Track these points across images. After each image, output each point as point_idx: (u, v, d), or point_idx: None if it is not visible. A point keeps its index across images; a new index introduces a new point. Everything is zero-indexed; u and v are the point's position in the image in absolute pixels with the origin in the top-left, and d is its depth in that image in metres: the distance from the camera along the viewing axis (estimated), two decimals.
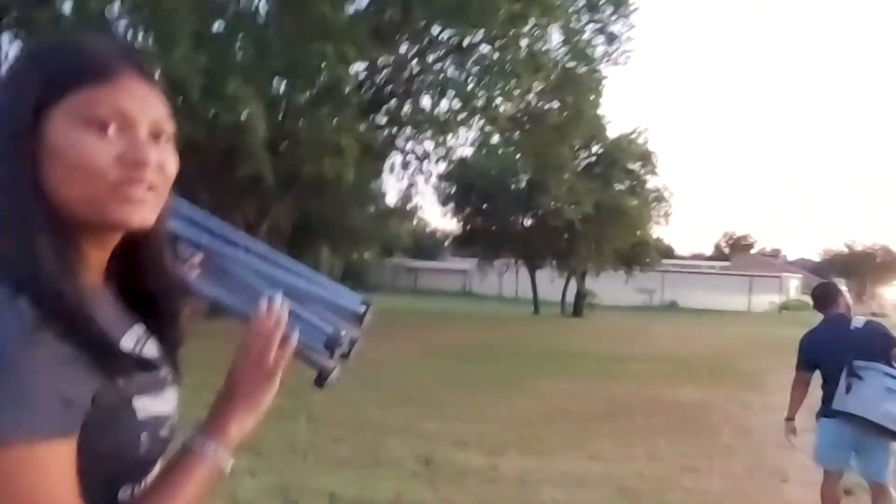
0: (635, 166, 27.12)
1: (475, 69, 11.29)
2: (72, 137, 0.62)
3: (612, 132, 26.54)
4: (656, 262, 31.45)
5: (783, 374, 5.54)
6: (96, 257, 0.68)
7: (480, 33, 11.31)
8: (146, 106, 0.65)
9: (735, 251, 66.38)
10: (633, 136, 26.68)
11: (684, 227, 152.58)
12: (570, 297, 28.66)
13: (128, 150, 0.63)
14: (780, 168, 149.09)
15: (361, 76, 12.70)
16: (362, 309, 0.84)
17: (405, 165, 21.91)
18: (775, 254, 68.41)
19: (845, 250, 59.66)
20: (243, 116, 8.87)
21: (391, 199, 34.85)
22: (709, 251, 76.02)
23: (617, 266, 29.33)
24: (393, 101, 13.29)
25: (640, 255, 29.21)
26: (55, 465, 0.57)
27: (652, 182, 27.87)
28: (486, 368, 9.91)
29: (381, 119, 14.68)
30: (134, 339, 0.69)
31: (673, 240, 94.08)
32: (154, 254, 0.73)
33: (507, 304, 33.60)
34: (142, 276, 0.73)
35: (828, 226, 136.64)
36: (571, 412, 6.84)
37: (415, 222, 47.10)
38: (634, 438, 5.89)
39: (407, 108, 14.77)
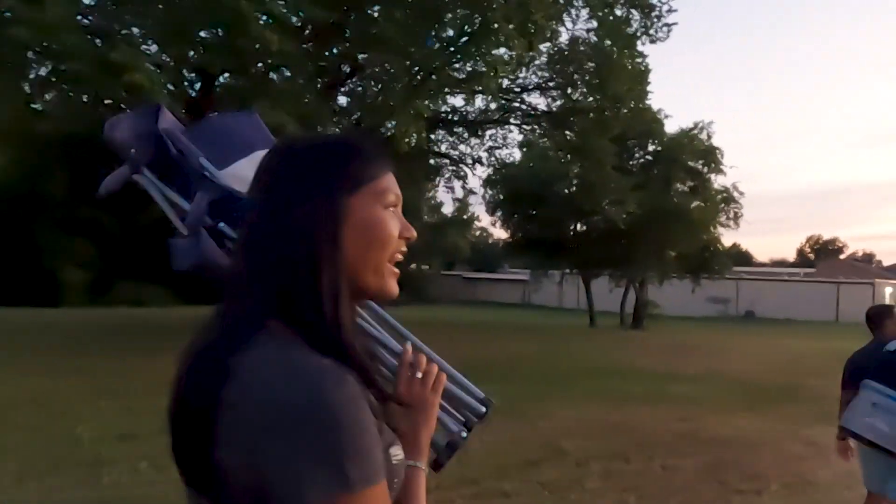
0: (697, 165, 24.91)
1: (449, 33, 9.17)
2: (378, 215, 0.76)
3: (672, 128, 24.68)
4: (727, 268, 28.73)
5: None
6: None
7: None
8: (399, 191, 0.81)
9: (821, 257, 61.34)
10: (695, 131, 24.56)
11: (766, 232, 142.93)
12: (631, 308, 26.64)
13: (405, 228, 0.80)
14: (874, 163, 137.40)
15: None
16: (483, 410, 1.00)
17: (439, 170, 20.95)
18: (868, 259, 62.65)
19: None
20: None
21: (448, 209, 34.08)
22: (792, 257, 70.93)
23: (682, 274, 27.09)
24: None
25: (707, 261, 26.79)
26: (385, 499, 0.65)
27: (718, 181, 25.49)
28: (496, 389, 8.52)
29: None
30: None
31: (752, 246, 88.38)
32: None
33: (565, 315, 31.76)
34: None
35: None
36: (568, 453, 5.42)
37: (475, 232, 46.20)
38: (638, 496, 4.43)
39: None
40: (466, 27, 8.49)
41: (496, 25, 7.66)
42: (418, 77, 8.57)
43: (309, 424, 0.60)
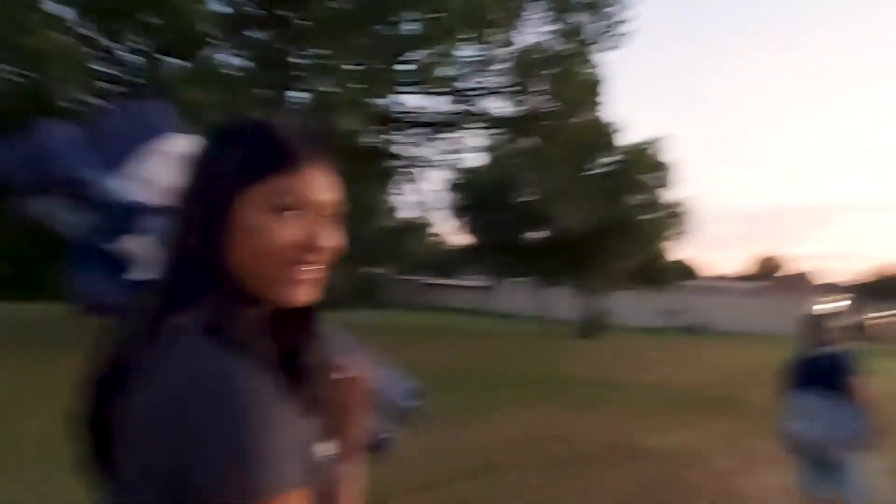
0: (649, 179, 25.38)
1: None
2: (259, 221, 0.68)
3: (625, 141, 25.03)
4: (676, 280, 29.41)
5: None
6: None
7: None
8: (325, 192, 0.71)
9: (765, 272, 63.52)
10: (646, 146, 25.03)
11: (715, 247, 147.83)
12: (585, 317, 26.87)
13: (306, 237, 0.70)
14: (817, 181, 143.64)
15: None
16: (410, 405, 1.01)
17: (400, 172, 20.67)
18: (806, 275, 65.20)
19: (879, 272, 56.26)
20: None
21: (406, 213, 33.87)
22: (739, 272, 73.25)
23: (633, 285, 27.54)
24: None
25: (658, 273, 27.36)
26: None
27: (669, 197, 26.02)
28: (438, 397, 8.30)
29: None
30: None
31: (702, 260, 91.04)
32: (307, 327, 0.77)
33: (521, 323, 31.79)
34: (291, 348, 0.75)
35: (863, 245, 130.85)
36: (500, 465, 5.22)
37: (433, 237, 45.96)
38: None
39: None
40: (417, 18, 8.22)
41: (446, 16, 7.42)
42: (366, 71, 8.28)
43: (216, 428, 0.57)
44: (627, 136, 41.98)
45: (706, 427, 7.51)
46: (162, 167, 1.10)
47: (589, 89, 13.81)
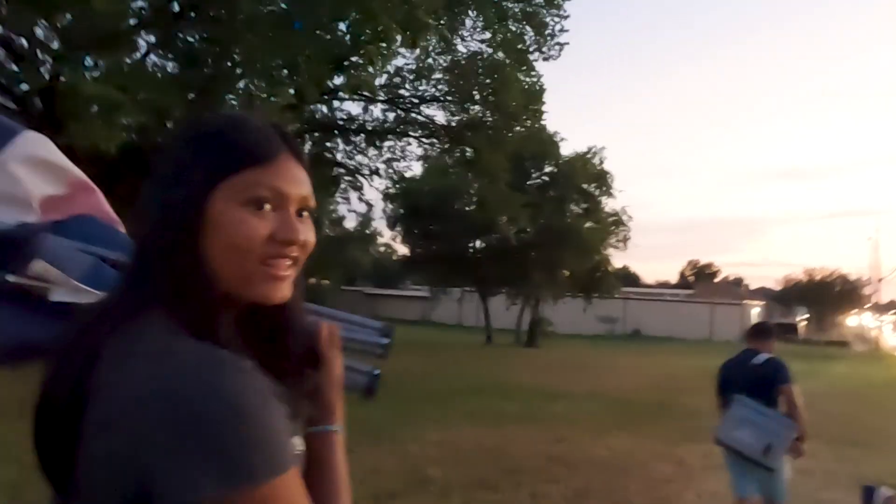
0: (590, 188, 25.85)
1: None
2: (233, 214, 0.67)
3: (567, 151, 25.45)
4: (615, 288, 29.91)
5: None
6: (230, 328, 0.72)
7: None
8: (298, 185, 0.70)
9: (699, 280, 66.07)
10: (588, 155, 25.50)
11: (653, 257, 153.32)
12: (526, 326, 27.02)
13: (280, 230, 0.68)
14: (747, 194, 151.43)
15: None
16: (385, 341, 1.03)
17: (343, 180, 20.22)
18: (738, 282, 68.30)
19: (805, 279, 59.51)
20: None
21: (350, 223, 33.22)
22: (675, 280, 75.93)
23: (574, 293, 27.90)
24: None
25: (598, 281, 27.77)
26: (298, 483, 0.62)
27: (610, 205, 26.58)
28: (368, 412, 8.01)
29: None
30: None
31: (639, 269, 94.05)
32: (287, 324, 0.76)
33: (464, 332, 31.73)
34: (274, 346, 0.75)
35: (789, 254, 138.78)
36: (432, 481, 4.98)
37: (376, 247, 45.43)
38: None
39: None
40: (345, 18, 7.92)
41: (376, 18, 7.18)
42: (298, 73, 7.92)
43: (208, 415, 0.57)
44: (567, 146, 42.92)
45: (642, 433, 7.52)
46: (28, 176, 0.99)
47: (529, 98, 13.87)
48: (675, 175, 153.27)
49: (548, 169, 25.63)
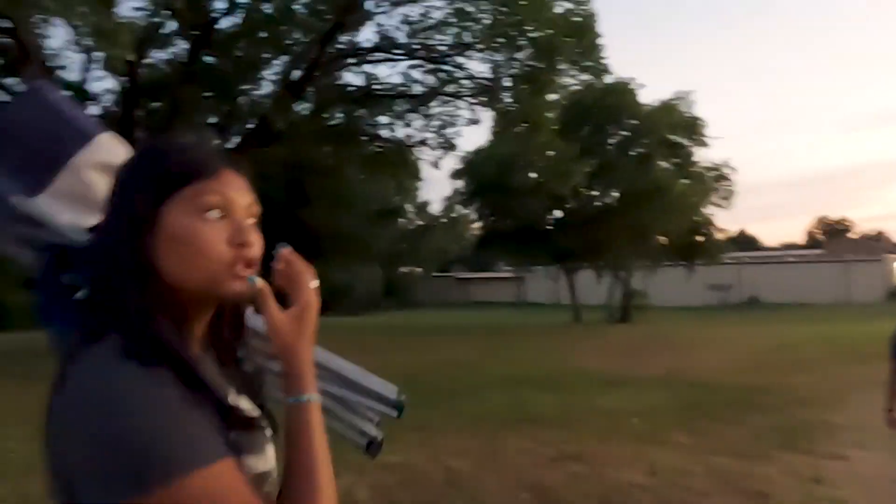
0: (679, 138, 22.53)
1: None
2: (188, 224, 0.71)
3: (648, 100, 22.28)
4: (722, 251, 26.13)
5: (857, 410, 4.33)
6: (198, 328, 0.77)
7: None
8: (242, 193, 0.76)
9: (831, 238, 58.56)
10: (674, 101, 22.18)
11: (774, 217, 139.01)
12: (619, 301, 24.33)
13: (235, 234, 0.73)
14: (876, 137, 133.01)
15: None
16: (395, 414, 1.05)
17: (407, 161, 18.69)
18: (877, 237, 59.75)
19: None
20: None
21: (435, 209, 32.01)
22: (801, 241, 68.25)
23: (674, 260, 24.69)
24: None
25: (701, 245, 24.27)
26: (233, 475, 0.65)
27: (706, 158, 23.08)
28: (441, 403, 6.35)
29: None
30: (236, 399, 0.78)
31: (760, 231, 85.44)
32: (240, 319, 0.84)
33: (557, 311, 29.35)
34: (229, 341, 0.83)
35: None
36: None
37: (459, 231, 44.00)
38: None
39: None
40: None
41: None
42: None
43: (112, 430, 0.61)
44: (650, 96, 38.46)
45: (709, 438, 5.34)
46: (101, 181, 1.00)
47: (571, 29, 11.57)
48: (788, 126, 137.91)
49: (626, 121, 22.61)
